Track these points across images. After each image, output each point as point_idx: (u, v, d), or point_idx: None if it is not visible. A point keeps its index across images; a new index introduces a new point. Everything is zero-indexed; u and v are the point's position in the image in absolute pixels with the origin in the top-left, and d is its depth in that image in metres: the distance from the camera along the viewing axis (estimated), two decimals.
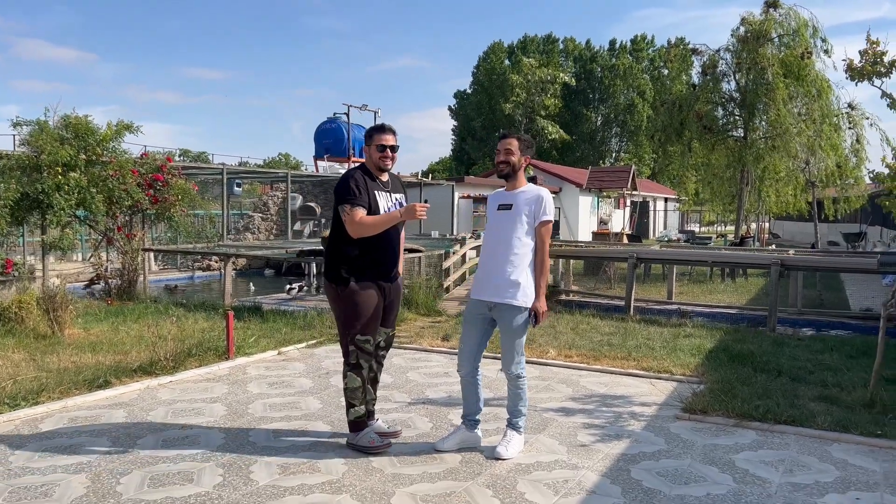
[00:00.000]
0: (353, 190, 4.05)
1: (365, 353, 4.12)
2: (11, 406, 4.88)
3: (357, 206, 4.02)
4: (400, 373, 6.15)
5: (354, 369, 4.12)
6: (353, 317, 4.09)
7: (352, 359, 4.12)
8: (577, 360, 6.58)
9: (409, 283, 10.02)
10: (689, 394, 5.32)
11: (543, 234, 4.12)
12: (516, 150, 4.17)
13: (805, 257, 10.30)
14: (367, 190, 4.10)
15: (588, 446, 4.30)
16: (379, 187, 4.20)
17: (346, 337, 4.13)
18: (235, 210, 23.87)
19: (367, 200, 4.06)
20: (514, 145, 4.17)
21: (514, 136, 4.21)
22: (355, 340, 4.09)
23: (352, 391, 4.13)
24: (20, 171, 9.55)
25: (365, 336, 4.11)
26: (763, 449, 4.27)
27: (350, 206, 4.02)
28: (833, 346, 7.17)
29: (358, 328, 4.09)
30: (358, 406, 4.15)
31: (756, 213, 21.53)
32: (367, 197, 4.07)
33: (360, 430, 4.18)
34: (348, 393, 4.15)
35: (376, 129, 4.29)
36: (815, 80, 15.78)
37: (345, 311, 4.12)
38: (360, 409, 4.16)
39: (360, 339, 4.10)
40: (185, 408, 5.02)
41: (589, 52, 58.62)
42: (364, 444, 4.13)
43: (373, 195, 4.11)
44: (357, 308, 4.08)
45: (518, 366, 4.14)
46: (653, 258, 11.18)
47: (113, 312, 8.86)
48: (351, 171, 4.21)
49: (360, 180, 4.11)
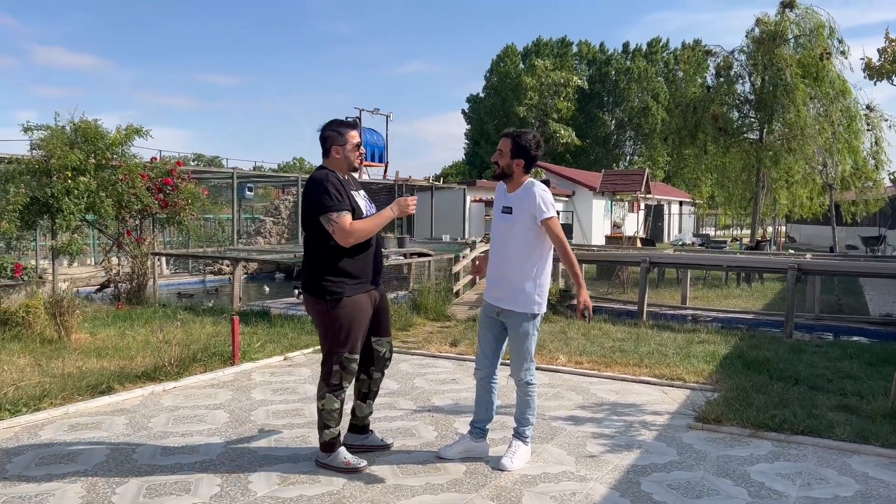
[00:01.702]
0: (335, 195, 3.69)
1: (349, 374, 3.85)
2: (12, 412, 4.81)
3: (343, 212, 3.68)
4: (406, 379, 6.04)
5: (335, 390, 3.81)
6: (345, 334, 3.78)
7: (334, 379, 3.80)
8: (588, 367, 6.44)
9: (419, 287, 9.92)
10: (702, 402, 5.17)
11: (552, 229, 3.87)
12: (507, 153, 3.92)
13: (822, 261, 10.10)
14: (346, 192, 3.77)
15: (597, 457, 4.16)
16: (352, 187, 3.89)
17: (333, 356, 3.79)
18: (247, 214, 23.89)
19: (349, 204, 3.74)
20: (507, 146, 3.93)
21: (510, 136, 3.95)
22: (342, 360, 3.79)
23: (328, 413, 3.83)
24: (30, 176, 9.55)
25: (353, 355, 3.83)
26: (780, 461, 4.12)
27: (335, 213, 3.66)
28: (852, 353, 6.98)
29: (348, 347, 3.79)
30: (333, 427, 3.86)
31: (772, 217, 21.26)
32: (348, 200, 3.75)
33: (333, 450, 3.89)
34: (325, 414, 3.83)
35: (347, 125, 3.92)
36: (834, 81, 15.54)
37: (334, 328, 3.78)
38: (335, 430, 3.88)
39: (349, 357, 3.81)
40: (187, 414, 4.94)
41: (603, 54, 58.40)
42: (338, 465, 3.85)
43: (352, 196, 3.80)
44: (349, 324, 3.78)
45: (527, 372, 4.00)
46: (666, 262, 11.01)
47: (121, 317, 8.82)
48: (319, 174, 3.79)
49: (336, 183, 3.75)
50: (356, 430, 4.22)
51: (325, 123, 3.95)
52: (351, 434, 4.21)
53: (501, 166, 3.97)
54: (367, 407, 4.18)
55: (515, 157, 3.92)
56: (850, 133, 15.79)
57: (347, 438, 4.17)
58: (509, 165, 3.94)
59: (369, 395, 4.16)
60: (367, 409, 4.19)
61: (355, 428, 4.22)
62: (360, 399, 4.16)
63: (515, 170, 3.95)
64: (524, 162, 3.93)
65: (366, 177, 23.89)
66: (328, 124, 3.94)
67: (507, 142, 3.95)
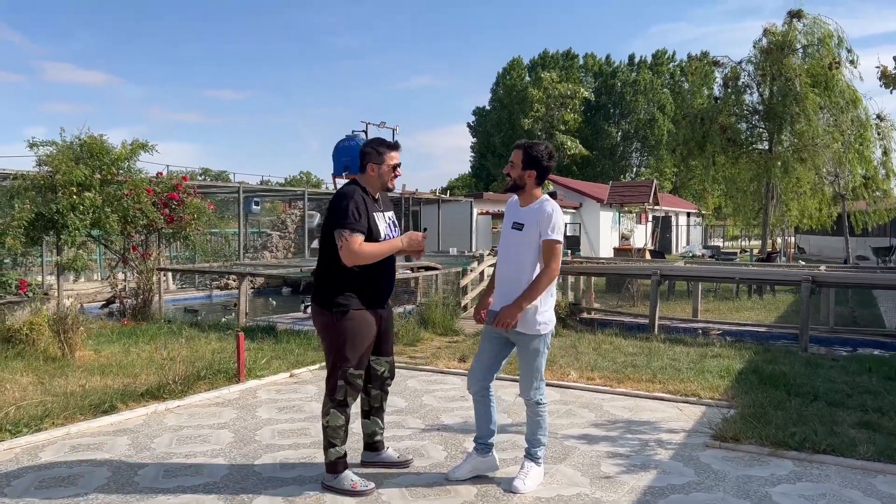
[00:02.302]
0: (353, 213, 3.69)
1: (353, 390, 3.78)
2: (13, 433, 4.72)
3: (356, 233, 3.67)
4: (414, 396, 5.92)
5: (340, 406, 3.76)
6: (350, 348, 3.74)
7: (339, 395, 3.76)
8: (600, 383, 6.31)
9: (426, 301, 9.80)
10: (719, 419, 5.02)
11: (549, 253, 3.74)
12: (518, 164, 3.83)
13: (837, 273, 9.94)
14: (368, 213, 3.76)
15: (612, 478, 4.03)
16: (376, 208, 3.88)
17: (338, 371, 3.75)
18: (254, 228, 23.86)
19: (366, 225, 3.72)
20: (518, 158, 3.84)
21: (521, 148, 3.87)
22: (347, 375, 3.74)
23: (334, 429, 3.77)
24: (35, 191, 9.51)
25: (359, 370, 3.78)
26: (802, 481, 3.98)
27: (349, 231, 3.65)
28: (870, 367, 6.82)
29: (353, 361, 3.75)
30: (339, 446, 3.80)
31: (781, 228, 21.09)
32: (366, 221, 3.72)
33: (338, 471, 3.81)
34: (329, 431, 3.78)
35: (388, 145, 3.93)
36: (844, 90, 15.42)
37: (340, 341, 3.75)
38: (341, 450, 3.81)
39: (354, 373, 3.76)
40: (191, 434, 4.83)
41: (609, 67, 58.46)
42: (345, 488, 3.75)
43: (372, 218, 3.78)
44: (355, 339, 3.74)
45: (537, 392, 3.88)
46: (677, 275, 10.87)
47: (126, 333, 8.73)
48: (348, 190, 3.82)
49: (360, 202, 3.75)
50: (368, 447, 4.20)
51: (367, 140, 4.07)
52: (366, 452, 4.18)
53: (514, 178, 3.88)
54: (371, 423, 4.12)
55: (527, 168, 3.84)
56: (861, 142, 15.65)
57: (364, 456, 4.15)
58: (521, 176, 3.85)
59: (372, 412, 4.10)
60: (373, 425, 4.12)
61: (367, 445, 4.20)
62: (364, 417, 4.14)
63: (528, 181, 3.86)
64: (536, 173, 3.84)
65: None
66: (370, 141, 4.02)
67: (519, 153, 3.87)
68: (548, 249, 3.76)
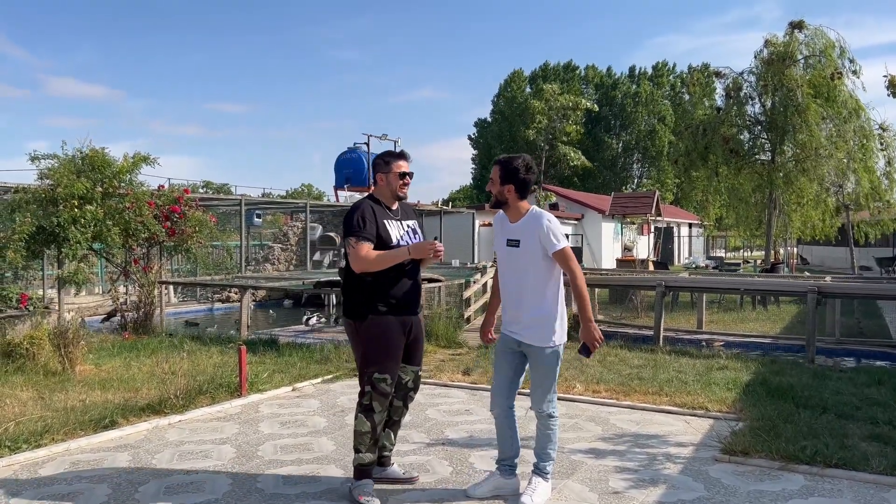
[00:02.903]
0: (359, 222, 3.82)
1: (380, 395, 3.81)
2: (12, 449, 4.66)
3: (362, 240, 3.79)
4: (418, 410, 5.84)
5: (366, 412, 3.82)
6: (374, 353, 3.82)
7: (365, 399, 3.83)
8: (606, 396, 6.24)
9: (429, 313, 9.74)
10: (727, 432, 4.95)
11: (567, 262, 3.76)
12: (497, 180, 3.83)
13: (843, 284, 9.88)
14: (376, 220, 3.86)
15: (621, 493, 3.96)
16: (389, 216, 3.96)
17: (364, 375, 3.85)
18: (255, 241, 23.83)
19: (374, 233, 3.83)
20: (496, 174, 3.84)
21: (499, 163, 3.87)
22: (372, 379, 3.80)
23: (360, 435, 3.83)
24: (36, 205, 9.48)
25: (383, 375, 3.81)
26: (814, 496, 3.90)
27: (355, 239, 3.79)
28: (879, 379, 6.74)
29: (377, 366, 3.80)
30: (364, 452, 3.83)
31: (784, 238, 21.04)
32: (374, 229, 3.83)
33: (361, 478, 3.86)
34: (356, 437, 3.85)
35: (394, 155, 4.06)
36: (846, 101, 15.40)
37: (365, 347, 3.85)
38: (365, 457, 3.83)
39: (378, 377, 3.80)
40: (192, 450, 4.77)
41: (610, 78, 58.65)
42: (354, 497, 3.80)
43: (382, 225, 3.87)
44: (376, 343, 3.82)
45: (549, 404, 3.83)
46: (682, 286, 10.81)
47: (127, 347, 8.67)
48: (359, 202, 4.00)
49: (368, 211, 3.88)
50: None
51: (380, 153, 4.15)
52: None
53: (495, 194, 3.89)
54: (384, 436, 4.06)
55: (505, 183, 3.82)
56: (864, 153, 15.61)
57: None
58: (501, 192, 3.85)
59: (388, 424, 4.04)
60: (384, 438, 4.07)
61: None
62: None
63: (508, 196, 3.84)
64: (514, 186, 3.81)
65: None
66: (379, 154, 4.11)
67: (497, 169, 3.87)
68: (563, 259, 3.77)
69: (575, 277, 3.77)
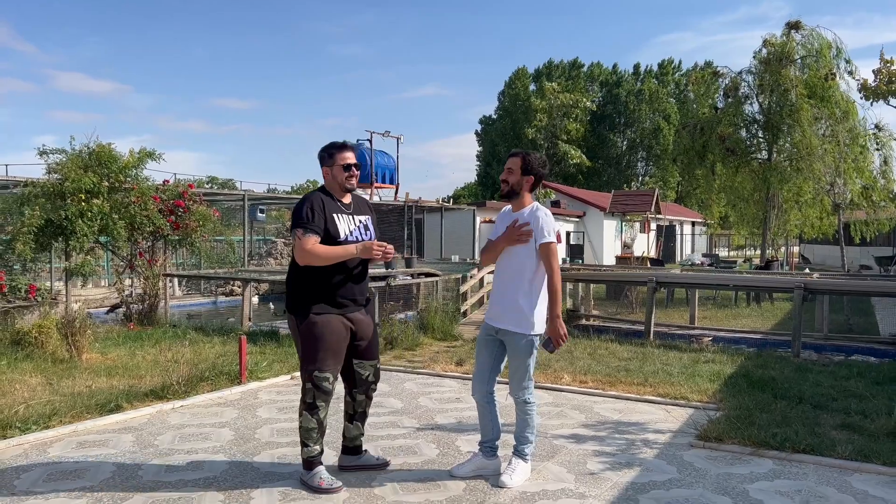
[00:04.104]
0: (307, 214, 3.78)
1: (323, 393, 3.84)
2: (22, 430, 4.90)
3: (309, 233, 3.75)
4: (411, 398, 6.08)
5: (310, 409, 3.84)
6: (313, 351, 3.81)
7: (307, 397, 3.84)
8: (592, 386, 6.46)
9: (426, 307, 9.97)
10: (704, 421, 5.17)
11: (548, 256, 3.95)
12: (517, 170, 4.03)
13: (829, 280, 10.07)
14: (325, 213, 3.84)
15: (597, 474, 4.18)
16: (340, 209, 3.94)
17: (304, 373, 3.86)
18: (259, 236, 24.09)
19: (322, 226, 3.80)
20: (517, 164, 4.03)
21: (519, 155, 4.07)
22: (312, 377, 3.81)
23: (305, 431, 3.87)
24: (45, 198, 9.74)
25: (324, 374, 3.82)
26: (780, 479, 4.12)
27: (302, 231, 3.74)
28: (859, 372, 6.95)
29: (316, 364, 3.81)
30: (312, 446, 3.89)
31: (784, 237, 21.18)
32: (322, 222, 3.81)
33: (312, 468, 3.90)
34: (301, 432, 3.90)
35: (338, 147, 4.00)
36: (840, 101, 15.57)
37: (303, 344, 3.85)
38: (314, 449, 3.90)
39: (319, 375, 3.81)
40: (193, 432, 5.01)
41: (615, 76, 58.73)
42: (314, 485, 3.85)
43: (331, 218, 3.86)
44: (317, 342, 3.81)
45: (525, 391, 4.05)
46: (672, 282, 11.02)
47: (132, 337, 8.93)
48: (308, 194, 3.96)
49: (318, 203, 3.85)
50: (347, 451, 4.23)
51: (323, 146, 4.06)
52: (344, 456, 4.24)
53: (511, 184, 4.07)
54: (354, 428, 4.17)
55: (526, 175, 4.04)
56: (856, 152, 15.77)
57: (342, 460, 4.22)
58: (518, 183, 4.05)
59: (356, 417, 4.16)
60: (355, 430, 4.18)
61: (346, 449, 4.24)
62: (347, 420, 4.18)
63: (524, 187, 4.06)
64: (533, 179, 4.06)
65: (377, 198, 24.06)
66: (323, 146, 4.05)
67: (517, 160, 4.06)
68: (546, 252, 3.94)
69: (552, 273, 3.96)
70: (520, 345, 3.98)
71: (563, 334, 3.95)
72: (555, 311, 3.96)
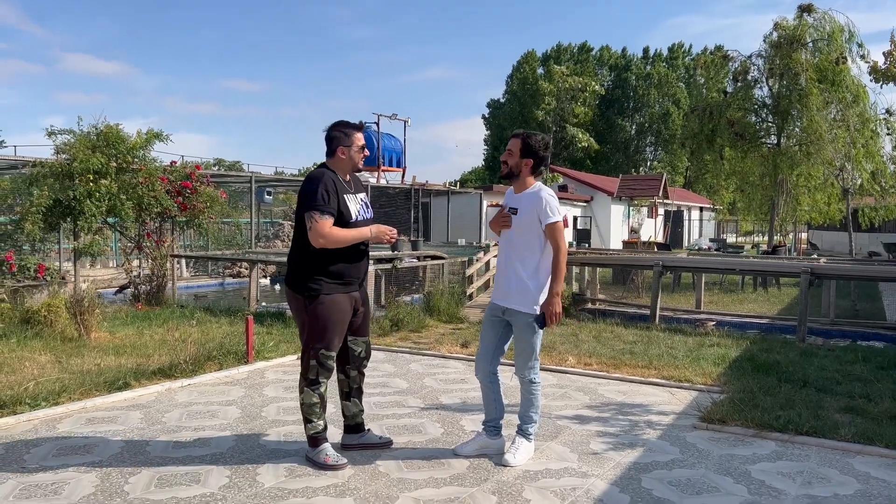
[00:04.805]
0: (323, 196, 3.76)
1: (325, 370, 3.91)
2: (32, 406, 4.96)
3: (326, 215, 3.74)
4: (416, 379, 6.12)
5: (312, 385, 3.90)
6: (322, 331, 3.86)
7: (311, 374, 3.90)
8: (597, 368, 6.48)
9: (433, 290, 10.00)
10: (708, 403, 5.19)
11: (555, 235, 3.94)
12: (516, 152, 4.01)
13: (836, 265, 10.04)
14: (338, 195, 3.84)
15: (600, 454, 4.21)
16: (347, 190, 3.95)
17: (310, 351, 3.90)
18: (266, 218, 24.14)
19: (336, 208, 3.79)
20: (517, 146, 4.01)
21: (519, 137, 4.04)
22: (319, 355, 3.87)
23: (308, 407, 3.92)
24: (53, 179, 9.77)
25: (330, 352, 3.90)
26: (782, 460, 4.14)
27: (318, 213, 3.72)
28: (864, 357, 6.95)
29: (325, 343, 3.87)
30: (316, 422, 3.94)
31: (793, 223, 21.09)
32: (336, 204, 3.80)
33: (317, 445, 3.95)
34: (305, 409, 3.93)
35: (353, 126, 3.99)
36: (851, 85, 15.43)
37: (313, 324, 3.88)
38: (319, 425, 3.95)
39: (325, 353, 3.88)
40: (200, 410, 5.06)
41: (624, 59, 58.31)
42: (320, 462, 3.89)
43: (342, 200, 3.86)
44: (327, 322, 3.85)
45: (531, 371, 4.07)
46: (679, 266, 11.00)
47: (140, 317, 9.00)
48: (317, 173, 3.88)
49: (331, 184, 3.82)
50: (349, 429, 4.28)
51: (331, 124, 4.04)
52: (347, 434, 4.28)
53: (510, 165, 4.05)
54: (353, 405, 4.21)
55: (525, 157, 4.00)
56: (866, 137, 15.64)
57: (344, 439, 4.26)
58: (517, 165, 4.02)
59: (352, 394, 4.20)
60: (354, 407, 4.22)
61: (348, 428, 4.28)
62: (344, 398, 4.22)
63: (523, 169, 4.03)
64: (532, 162, 4.01)
65: (383, 181, 24.04)
66: (335, 125, 4.02)
67: (517, 142, 4.03)
68: (552, 231, 3.93)
69: (558, 251, 3.96)
70: (525, 325, 3.99)
71: (557, 312, 3.94)
72: (555, 289, 3.95)
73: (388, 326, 8.50)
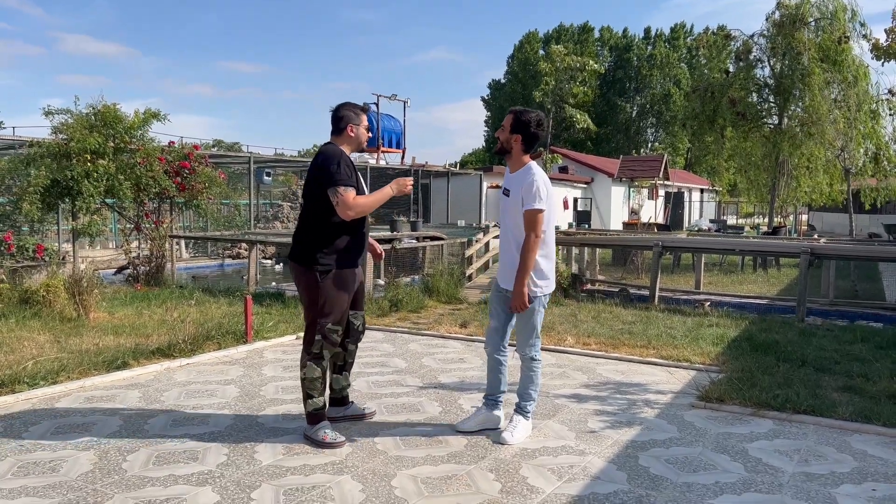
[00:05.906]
0: (345, 170, 3.88)
1: (330, 344, 3.96)
2: (31, 385, 4.97)
3: (349, 188, 3.86)
4: (415, 358, 6.13)
5: (316, 359, 3.96)
6: (330, 306, 3.93)
7: (315, 348, 3.95)
8: (596, 348, 6.48)
9: (432, 271, 9.99)
10: (706, 382, 5.19)
11: (529, 223, 3.85)
12: (507, 127, 3.97)
13: (836, 245, 10.02)
14: (354, 169, 3.98)
15: (597, 433, 4.22)
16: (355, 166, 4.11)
17: (316, 325, 3.94)
18: (265, 200, 24.09)
19: (355, 180, 3.92)
20: (508, 122, 3.98)
21: (513, 113, 4.01)
22: (326, 329, 3.93)
23: (310, 381, 3.96)
24: (50, 159, 9.73)
25: (336, 326, 3.97)
26: (779, 438, 4.15)
27: (343, 187, 3.84)
28: (863, 337, 6.94)
29: (332, 318, 3.94)
30: (316, 397, 3.98)
31: (793, 204, 21.02)
32: (354, 178, 3.93)
33: (317, 422, 3.99)
34: (307, 383, 3.96)
35: (360, 108, 4.14)
36: (852, 65, 15.30)
37: (322, 299, 3.92)
38: (319, 401, 3.99)
39: (332, 328, 3.95)
40: (199, 389, 5.07)
41: (625, 40, 57.88)
42: (318, 439, 3.92)
43: (357, 175, 4.01)
44: (336, 296, 3.94)
45: (532, 348, 4.08)
46: (678, 246, 10.98)
47: (139, 297, 8.99)
48: (333, 150, 3.98)
49: (346, 159, 3.95)
50: (336, 402, 4.37)
51: (340, 104, 4.15)
52: (332, 407, 4.33)
53: (501, 140, 4.03)
54: (343, 379, 4.32)
55: (515, 132, 3.97)
56: (868, 117, 15.54)
57: (329, 412, 4.27)
58: (508, 140, 3.99)
59: (345, 367, 4.32)
60: (344, 380, 4.33)
61: (335, 401, 4.36)
62: (336, 371, 4.30)
63: (514, 145, 3.99)
64: (521, 138, 3.96)
65: (383, 162, 23.95)
66: (344, 104, 4.15)
67: (510, 117, 4.01)
68: (527, 219, 3.87)
69: (529, 240, 3.85)
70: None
71: (524, 303, 3.89)
72: (521, 279, 3.87)
73: (387, 307, 8.49)
